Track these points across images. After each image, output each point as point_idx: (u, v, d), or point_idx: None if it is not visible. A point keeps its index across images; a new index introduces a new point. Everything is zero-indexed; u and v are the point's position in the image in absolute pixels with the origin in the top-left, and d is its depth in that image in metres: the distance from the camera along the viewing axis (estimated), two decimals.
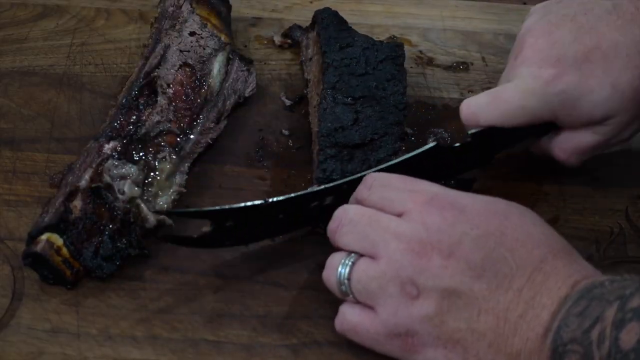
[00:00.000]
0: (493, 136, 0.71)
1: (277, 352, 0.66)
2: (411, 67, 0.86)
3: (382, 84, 0.77)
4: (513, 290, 0.59)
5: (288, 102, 0.83)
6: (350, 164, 0.72)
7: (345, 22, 0.84)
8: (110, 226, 0.69)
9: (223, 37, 0.81)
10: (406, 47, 0.82)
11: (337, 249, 0.65)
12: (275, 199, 0.67)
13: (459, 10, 0.93)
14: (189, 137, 0.76)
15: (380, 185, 0.65)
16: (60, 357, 0.65)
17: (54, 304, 0.67)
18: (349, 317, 0.63)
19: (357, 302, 0.63)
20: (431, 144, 0.70)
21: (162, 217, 0.71)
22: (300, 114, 0.82)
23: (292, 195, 0.68)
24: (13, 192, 0.74)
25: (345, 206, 0.66)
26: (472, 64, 0.88)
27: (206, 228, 0.67)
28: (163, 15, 0.82)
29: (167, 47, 0.79)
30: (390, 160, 0.72)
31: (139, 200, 0.70)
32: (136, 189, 0.70)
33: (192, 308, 0.68)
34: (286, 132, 0.81)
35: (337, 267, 0.63)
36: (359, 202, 0.66)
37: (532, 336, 0.58)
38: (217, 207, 0.67)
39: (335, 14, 0.84)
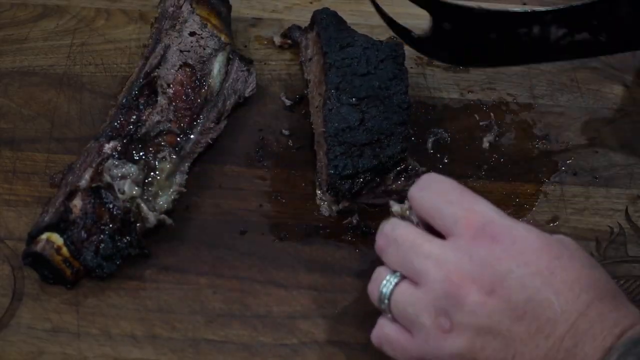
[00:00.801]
0: None
1: (277, 351, 0.66)
2: (411, 68, 0.86)
3: (385, 84, 0.77)
4: (554, 336, 0.56)
5: (288, 102, 0.83)
6: (361, 159, 0.73)
7: (345, 22, 0.84)
8: (111, 226, 0.69)
9: (223, 37, 0.81)
10: (406, 48, 0.82)
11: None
12: (488, 8, 0.73)
13: None
14: (189, 137, 0.76)
15: (435, 190, 0.61)
16: (61, 356, 0.65)
17: (54, 303, 0.68)
18: (387, 331, 0.61)
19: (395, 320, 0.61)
20: None
21: (162, 216, 0.71)
22: (300, 114, 0.82)
23: (504, 9, 0.74)
24: (13, 192, 0.74)
25: (393, 222, 0.62)
26: None
27: (426, 27, 0.73)
28: (163, 15, 0.82)
29: (167, 47, 0.79)
30: (400, 156, 0.73)
31: (139, 200, 0.70)
32: (136, 188, 0.70)
33: (192, 308, 0.68)
34: (286, 132, 0.81)
35: (381, 284, 0.60)
36: (409, 199, 0.63)
37: None
38: None
39: (334, 14, 0.84)
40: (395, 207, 0.65)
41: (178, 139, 0.75)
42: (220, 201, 0.75)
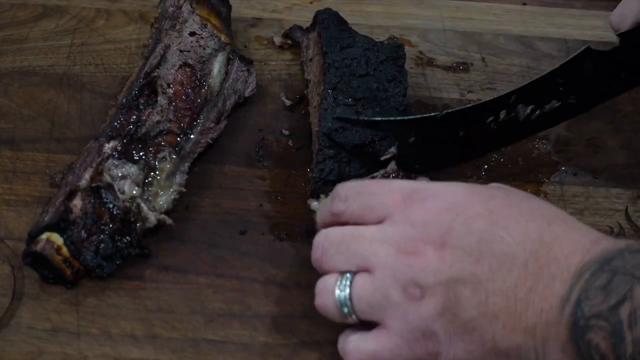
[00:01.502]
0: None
1: (277, 351, 0.66)
2: (411, 68, 0.86)
3: (383, 85, 0.77)
4: (517, 266, 0.58)
5: (288, 102, 0.83)
6: (349, 166, 0.72)
7: (346, 22, 0.84)
8: (110, 226, 0.69)
9: (223, 38, 0.81)
10: (406, 48, 0.82)
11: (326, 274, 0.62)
12: (448, 110, 0.70)
13: (459, 10, 0.93)
14: (189, 137, 0.76)
15: (355, 194, 0.63)
16: (61, 356, 0.65)
17: (54, 303, 0.68)
18: (363, 346, 0.60)
19: (360, 323, 0.61)
20: (582, 48, 0.70)
21: (162, 216, 0.71)
22: (300, 114, 0.82)
23: (465, 107, 0.71)
24: (13, 192, 0.74)
25: (322, 231, 0.63)
26: (472, 64, 0.88)
27: (392, 150, 0.70)
28: (163, 15, 0.82)
29: (167, 47, 0.79)
30: (389, 161, 0.72)
31: (139, 200, 0.70)
32: (136, 188, 0.70)
33: (192, 308, 0.68)
34: (286, 132, 0.81)
35: (334, 291, 0.60)
36: (335, 215, 0.63)
37: (547, 307, 0.57)
38: (392, 118, 0.71)
39: (335, 14, 0.84)
40: (314, 203, 0.68)
41: (178, 139, 0.75)
42: (220, 201, 0.75)
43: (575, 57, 0.70)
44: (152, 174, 0.72)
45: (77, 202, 0.69)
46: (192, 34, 0.80)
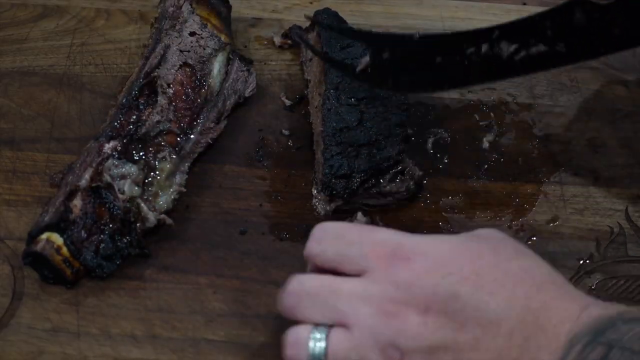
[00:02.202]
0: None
1: (277, 351, 0.66)
2: None
3: None
4: (502, 335, 0.55)
5: (288, 102, 0.83)
6: (357, 160, 0.73)
7: (345, 22, 0.84)
8: (110, 226, 0.69)
9: (223, 38, 0.81)
10: None
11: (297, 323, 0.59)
12: (429, 33, 0.69)
13: (458, 10, 0.93)
14: (189, 137, 0.76)
15: (332, 238, 0.59)
16: (61, 356, 0.65)
17: (54, 303, 0.68)
18: None
19: None
20: None
21: (162, 216, 0.71)
22: (300, 114, 0.82)
23: (444, 32, 0.69)
24: (13, 192, 0.74)
25: (298, 277, 0.59)
26: None
27: (365, 59, 0.68)
28: (163, 15, 0.82)
29: (167, 47, 0.79)
30: (396, 158, 0.73)
31: (139, 200, 0.70)
32: (136, 188, 0.70)
33: (192, 308, 0.68)
34: (286, 132, 0.81)
35: (307, 344, 0.57)
36: (310, 258, 0.60)
37: None
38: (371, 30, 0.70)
39: (335, 14, 0.84)
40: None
41: (178, 139, 0.75)
42: (220, 201, 0.75)
43: (567, 4, 0.68)
44: (152, 174, 0.72)
45: (77, 202, 0.69)
46: (192, 34, 0.80)
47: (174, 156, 0.73)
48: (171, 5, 0.82)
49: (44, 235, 0.67)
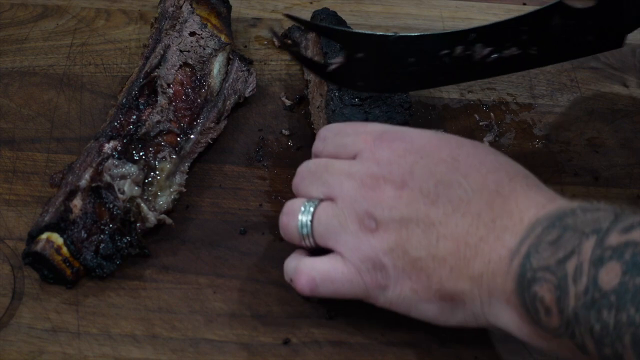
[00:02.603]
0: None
1: (277, 351, 0.66)
2: None
3: None
4: (471, 213, 0.59)
5: (288, 102, 0.83)
6: None
7: (344, 22, 0.84)
8: (111, 226, 0.69)
9: (223, 38, 0.81)
10: None
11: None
12: (404, 34, 0.69)
13: (459, 10, 0.93)
14: (189, 137, 0.76)
15: (333, 135, 0.66)
16: (61, 356, 0.65)
17: (54, 303, 0.67)
18: (318, 266, 0.63)
19: (315, 248, 0.64)
20: (556, 1, 0.68)
21: (162, 216, 0.71)
22: (300, 114, 0.82)
23: (422, 33, 0.69)
24: (13, 192, 0.74)
25: (305, 162, 0.67)
26: None
27: (339, 59, 0.69)
28: (163, 15, 0.82)
29: (167, 47, 0.79)
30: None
31: (139, 200, 0.70)
32: (136, 188, 0.70)
33: (192, 308, 0.68)
34: (286, 132, 0.81)
35: (298, 213, 0.64)
36: (316, 155, 0.67)
37: (495, 258, 0.58)
38: (346, 29, 0.69)
39: (334, 14, 0.84)
40: None
41: (178, 139, 0.75)
42: (220, 201, 0.75)
43: (545, 9, 0.68)
44: (152, 174, 0.72)
45: (77, 202, 0.69)
46: (192, 34, 0.80)
47: (174, 156, 0.73)
48: (171, 5, 0.82)
49: (44, 235, 0.67)
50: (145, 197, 0.71)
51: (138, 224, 0.69)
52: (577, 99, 0.85)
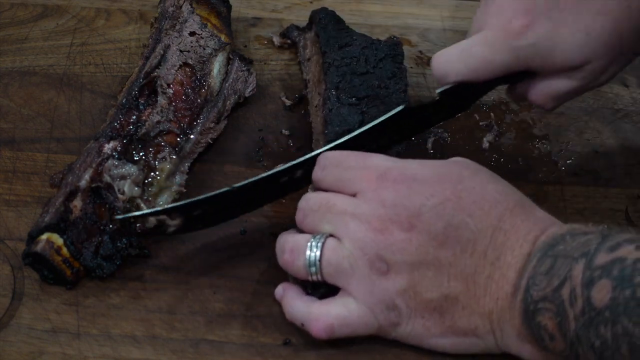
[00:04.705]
0: (465, 89, 0.69)
1: (278, 352, 0.66)
2: (411, 68, 0.86)
3: (384, 82, 0.76)
4: (477, 253, 0.61)
5: (288, 102, 0.83)
6: None
7: (343, 21, 0.83)
8: (111, 226, 0.69)
9: (223, 37, 0.81)
10: (406, 48, 0.82)
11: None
12: (241, 184, 0.67)
13: (458, 10, 0.93)
14: (189, 137, 0.76)
15: (333, 165, 0.66)
16: (61, 356, 0.65)
17: (54, 303, 0.68)
18: (334, 311, 0.63)
19: (322, 284, 0.63)
20: (400, 107, 0.69)
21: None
22: (300, 114, 0.82)
23: (257, 177, 0.67)
24: (13, 192, 0.74)
25: (306, 196, 0.66)
26: None
27: (176, 222, 0.67)
28: (163, 15, 0.82)
29: (167, 47, 0.79)
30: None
31: (139, 200, 0.70)
32: (136, 189, 0.70)
33: (192, 308, 0.68)
34: (286, 132, 0.81)
35: (305, 251, 0.63)
36: (315, 182, 0.67)
37: (502, 295, 0.60)
38: (185, 202, 0.66)
39: (332, 13, 0.84)
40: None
41: (178, 139, 0.75)
42: None
43: (393, 117, 0.68)
44: (152, 174, 0.72)
45: (77, 203, 0.69)
46: (192, 34, 0.80)
47: (174, 156, 0.73)
48: (171, 5, 0.82)
49: (44, 236, 0.67)
50: (145, 197, 0.71)
51: (138, 224, 0.69)
52: (577, 99, 0.85)
